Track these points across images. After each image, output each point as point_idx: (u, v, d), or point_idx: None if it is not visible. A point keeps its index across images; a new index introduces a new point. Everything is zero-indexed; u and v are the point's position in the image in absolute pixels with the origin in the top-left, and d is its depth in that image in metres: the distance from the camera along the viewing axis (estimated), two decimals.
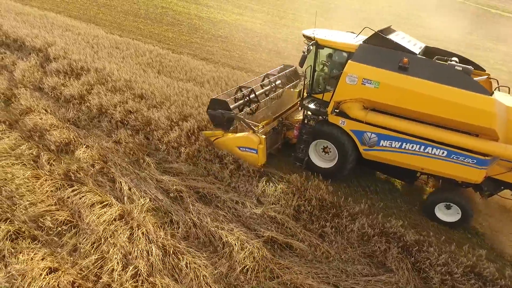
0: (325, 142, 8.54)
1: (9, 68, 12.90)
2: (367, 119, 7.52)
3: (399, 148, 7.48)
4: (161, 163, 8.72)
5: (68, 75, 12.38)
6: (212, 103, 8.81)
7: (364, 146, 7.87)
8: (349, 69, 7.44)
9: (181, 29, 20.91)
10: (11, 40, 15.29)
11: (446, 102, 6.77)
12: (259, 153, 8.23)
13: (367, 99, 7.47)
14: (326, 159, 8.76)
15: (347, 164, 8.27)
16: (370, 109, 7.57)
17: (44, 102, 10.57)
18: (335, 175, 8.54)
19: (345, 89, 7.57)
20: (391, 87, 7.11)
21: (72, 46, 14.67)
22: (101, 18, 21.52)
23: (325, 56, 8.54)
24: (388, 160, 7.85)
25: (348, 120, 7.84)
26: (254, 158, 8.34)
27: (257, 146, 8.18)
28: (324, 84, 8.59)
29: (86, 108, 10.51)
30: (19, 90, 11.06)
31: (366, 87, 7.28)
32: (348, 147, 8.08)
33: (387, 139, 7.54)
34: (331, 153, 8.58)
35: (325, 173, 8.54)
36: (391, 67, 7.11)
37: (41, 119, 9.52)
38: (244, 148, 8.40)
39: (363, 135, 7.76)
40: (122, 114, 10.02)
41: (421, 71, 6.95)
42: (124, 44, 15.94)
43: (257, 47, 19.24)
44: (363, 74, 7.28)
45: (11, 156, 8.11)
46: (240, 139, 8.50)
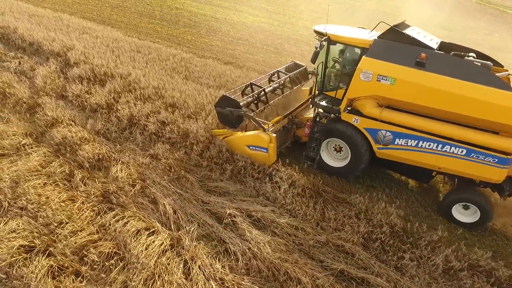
0: (337, 141, 8.28)
1: (28, 74, 12.15)
2: (382, 116, 7.29)
3: (415, 146, 7.24)
4: (203, 181, 7.96)
5: (91, 81, 11.63)
6: (221, 101, 8.50)
7: (378, 144, 7.62)
8: (364, 65, 7.19)
9: (199, 31, 20.16)
10: (27, 43, 14.54)
11: (467, 99, 6.53)
12: (269, 152, 7.95)
13: (382, 96, 7.24)
14: (338, 158, 8.51)
15: (360, 163, 8.02)
16: (385, 107, 7.35)
17: (70, 112, 9.81)
18: (348, 175, 8.34)
19: (359, 86, 7.34)
20: (408, 84, 6.88)
21: (92, 50, 13.92)
22: (115, 19, 20.79)
23: (337, 52, 8.30)
24: (403, 159, 7.61)
25: (362, 118, 7.58)
26: (264, 157, 8.05)
27: (268, 145, 7.90)
28: (336, 81, 8.34)
29: (116, 119, 9.74)
30: (42, 99, 10.30)
31: (381, 84, 7.06)
32: (361, 145, 7.83)
33: (403, 137, 7.29)
34: (343, 152, 8.35)
35: (337, 172, 8.38)
36: (407, 63, 6.86)
37: (70, 132, 8.75)
38: (254, 147, 8.11)
39: (378, 133, 7.52)
40: (156, 126, 9.26)
41: (439, 66, 6.70)
42: (145, 47, 15.19)
43: (280, 50, 18.48)
44: (378, 70, 7.04)
45: (42, 175, 7.35)
46: (249, 137, 8.21)
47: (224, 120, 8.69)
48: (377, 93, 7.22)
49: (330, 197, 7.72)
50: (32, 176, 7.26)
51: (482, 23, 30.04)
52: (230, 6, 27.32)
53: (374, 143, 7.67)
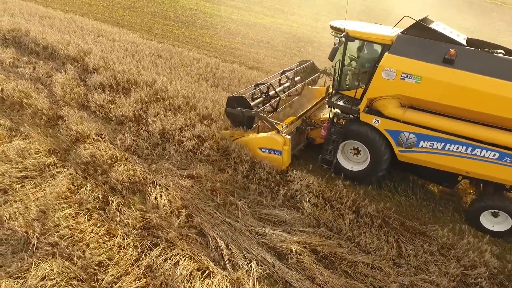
0: (355, 143, 7.82)
1: (43, 81, 11.21)
2: (405, 117, 6.86)
3: (442, 149, 6.78)
4: (253, 206, 7.01)
5: (114, 90, 10.68)
6: (230, 102, 8.19)
7: (401, 147, 7.18)
8: (386, 63, 6.73)
9: (217, 33, 19.21)
10: (40, 47, 13.60)
11: (500, 98, 6.04)
12: (283, 155, 7.56)
13: (406, 96, 6.79)
14: (356, 162, 8.04)
15: (380, 167, 7.58)
16: (408, 107, 6.92)
17: (94, 125, 8.86)
18: (366, 179, 7.86)
19: (381, 85, 6.90)
20: (436, 82, 6.41)
21: (111, 55, 12.99)
22: (128, 21, 19.86)
23: (355, 49, 7.83)
24: (427, 163, 7.13)
25: (383, 119, 7.14)
26: (277, 161, 7.67)
27: (282, 148, 7.51)
28: (354, 79, 7.93)
29: (146, 133, 8.80)
30: (63, 110, 9.36)
31: (405, 82, 6.61)
32: (381, 148, 7.39)
33: (428, 139, 6.83)
34: (361, 155, 7.90)
35: (354, 176, 7.94)
36: (435, 60, 6.40)
37: (98, 149, 7.82)
38: (267, 149, 7.73)
39: (400, 135, 7.08)
40: (193, 142, 8.31)
41: (470, 63, 6.23)
42: (166, 51, 14.24)
43: (304, 53, 17.53)
44: (402, 68, 6.59)
45: (73, 203, 6.41)
46: (262, 139, 7.83)
47: (236, 121, 8.32)
48: (401, 92, 6.77)
49: (398, 225, 6.79)
50: (61, 204, 6.33)
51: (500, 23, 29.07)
52: (245, 7, 26.37)
53: (396, 146, 7.21)
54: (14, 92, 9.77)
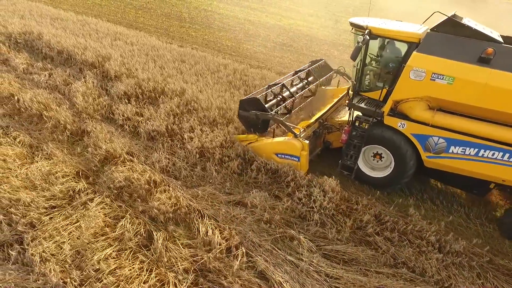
0: (377, 148, 7.36)
1: (61, 90, 10.29)
2: (435, 121, 6.44)
3: (475, 155, 6.34)
4: (316, 240, 6.06)
5: (140, 100, 9.76)
6: (242, 104, 7.73)
7: (428, 153, 6.74)
8: (415, 62, 6.27)
9: (236, 35, 18.29)
10: (55, 52, 12.69)
11: None
12: (301, 161, 7.16)
13: (437, 98, 6.33)
14: (377, 167, 7.59)
15: (405, 173, 7.13)
16: (437, 109, 6.47)
17: (123, 141, 7.94)
18: (389, 186, 7.43)
19: (408, 86, 6.45)
20: (470, 83, 5.94)
21: (131, 60, 12.07)
22: (143, 22, 18.95)
23: (377, 48, 7.31)
24: (458, 170, 6.66)
25: (409, 123, 6.71)
26: (295, 166, 7.21)
27: (300, 153, 7.11)
28: (375, 80, 7.51)
29: (182, 151, 7.86)
30: (88, 124, 8.44)
31: (436, 84, 6.17)
32: (407, 153, 6.94)
33: (460, 144, 6.40)
34: (384, 160, 7.45)
35: (376, 183, 7.50)
36: (469, 59, 5.95)
37: (133, 171, 6.90)
38: (284, 155, 7.32)
39: (428, 140, 6.64)
40: (238, 162, 7.38)
41: (508, 63, 5.75)
42: (189, 56, 13.32)
43: (331, 57, 16.59)
44: (432, 67, 6.14)
45: (112, 240, 5.49)
46: (279, 144, 7.40)
47: (250, 125, 7.87)
48: (431, 94, 6.33)
49: (484, 262, 5.86)
50: (99, 241, 5.40)
51: None
52: (260, 8, 25.47)
53: (423, 151, 6.77)
54: (32, 103, 8.85)
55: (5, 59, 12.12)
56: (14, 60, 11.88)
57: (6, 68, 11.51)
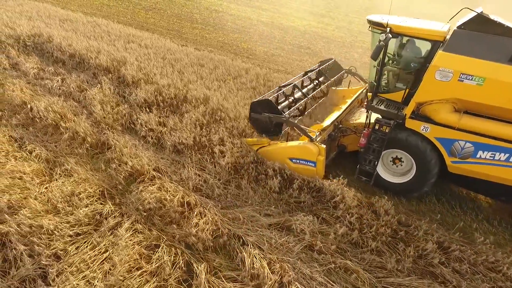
0: (397, 152, 7.03)
1: (76, 97, 9.64)
2: (461, 124, 6.14)
3: (506, 161, 6.03)
4: (373, 271, 5.38)
5: (161, 108, 9.11)
6: (254, 107, 7.35)
7: (453, 157, 6.43)
8: (441, 62, 5.94)
9: (251, 37, 17.64)
10: (67, 55, 12.04)
11: None
12: (318, 166, 6.77)
13: (464, 100, 6.02)
14: (397, 173, 7.27)
15: (427, 179, 6.78)
16: (463, 112, 6.18)
17: (147, 154, 7.28)
18: (411, 192, 7.05)
19: (434, 87, 6.12)
20: (502, 84, 5.61)
21: (148, 64, 11.43)
22: (153, 24, 18.30)
23: (397, 47, 7.00)
24: (485, 176, 6.34)
25: (433, 126, 6.40)
26: (311, 173, 6.86)
27: (316, 158, 6.72)
28: (395, 81, 7.18)
29: (213, 166, 7.21)
30: (109, 136, 7.78)
31: (464, 85, 5.84)
32: (430, 158, 6.60)
33: (489, 149, 6.09)
34: (404, 165, 7.14)
35: (396, 189, 7.14)
36: (501, 58, 5.61)
37: (163, 190, 6.24)
38: (298, 160, 6.95)
39: (454, 144, 6.35)
40: (278, 181, 6.72)
41: None
42: (207, 59, 12.67)
43: (351, 60, 15.95)
44: (460, 67, 5.81)
45: (149, 274, 4.83)
46: (293, 149, 7.01)
47: (262, 128, 7.50)
48: (458, 95, 6.01)
49: None
50: (134, 277, 4.74)
51: None
52: (271, 8, 24.82)
53: (448, 156, 6.47)
54: (48, 113, 8.20)
55: (14, 63, 11.47)
56: (24, 65, 11.24)
57: (17, 73, 10.85)
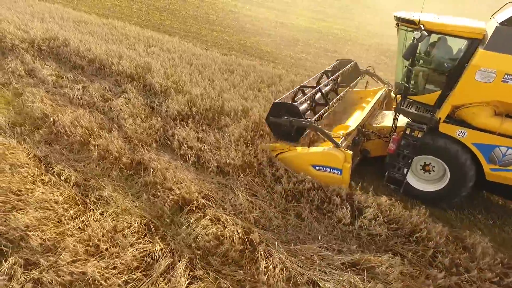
0: (428, 159, 6.62)
1: (100, 108, 8.79)
2: (503, 129, 5.75)
3: None
4: None
5: (198, 121, 8.24)
6: (275, 109, 6.91)
7: (493, 165, 6.05)
8: (482, 62, 5.55)
9: (273, 40, 16.80)
10: (86, 61, 11.21)
11: None
12: (344, 174, 6.37)
13: (509, 103, 5.61)
14: (428, 180, 6.84)
15: (462, 187, 6.36)
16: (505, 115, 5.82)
17: (189, 176, 6.43)
18: (443, 201, 6.61)
19: (473, 89, 5.75)
20: None
21: (175, 71, 10.60)
22: (170, 26, 17.45)
23: (427, 46, 6.50)
24: None
25: (471, 131, 6.04)
26: (336, 181, 6.43)
27: (342, 165, 6.32)
28: (426, 82, 6.69)
29: (266, 191, 6.35)
30: (144, 155, 6.92)
31: (509, 86, 5.43)
32: (466, 165, 6.20)
33: None
34: (435, 172, 6.73)
35: (427, 198, 6.69)
36: None
37: (218, 224, 5.38)
38: (322, 167, 6.54)
39: (494, 150, 5.96)
40: (347, 210, 5.86)
41: None
42: (235, 65, 11.83)
43: (383, 65, 15.09)
44: (505, 67, 5.41)
45: None
46: (317, 155, 6.62)
47: (281, 132, 7.06)
48: (502, 98, 5.62)
49: None
50: None
51: None
52: (287, 9, 23.99)
53: (487, 163, 6.08)
54: (75, 128, 7.34)
55: (30, 69, 10.63)
56: (41, 71, 10.40)
57: (33, 81, 10.01)
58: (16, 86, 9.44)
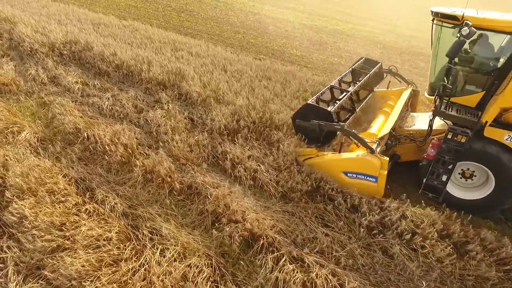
0: (470, 165, 6.23)
1: (134, 120, 7.96)
2: None
3: None
4: None
5: (246, 137, 7.40)
6: (303, 112, 6.64)
7: None
8: None
9: (301, 43, 15.98)
10: (112, 67, 10.36)
11: None
12: (379, 182, 5.97)
13: None
14: (468, 187, 6.42)
15: (509, 195, 5.95)
16: None
17: (248, 202, 5.60)
18: (486, 211, 6.22)
19: None
20: None
21: (211, 78, 9.76)
22: (191, 28, 16.63)
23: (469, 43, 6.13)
24: None
25: None
26: (371, 189, 6.00)
27: (379, 172, 5.93)
28: (464, 83, 6.30)
29: (341, 222, 5.51)
30: (195, 176, 6.09)
31: None
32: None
33: None
34: (476, 179, 6.35)
35: (471, 207, 6.21)
36: None
37: (296, 265, 4.55)
38: (356, 174, 6.13)
39: None
40: (443, 245, 5.02)
41: None
42: (271, 71, 10.99)
43: (419, 69, 14.26)
44: None
45: None
46: (350, 161, 6.22)
47: (307, 136, 6.76)
48: None
49: None
50: None
51: None
52: (307, 10, 23.16)
53: None
54: (116, 146, 6.51)
55: (53, 76, 9.79)
56: (65, 78, 9.56)
57: (57, 89, 9.17)
58: (41, 96, 8.62)
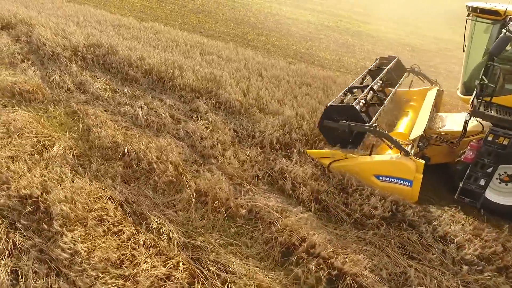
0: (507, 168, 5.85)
1: (172, 131, 7.31)
2: None
3: None
4: None
5: (298, 151, 6.73)
6: (330, 112, 6.41)
7: None
8: None
9: (327, 45, 15.30)
10: (140, 72, 9.71)
11: None
12: (414, 186, 5.66)
13: None
14: (507, 192, 6.02)
15: None
16: None
17: (321, 237, 4.93)
18: None
19: None
20: None
21: (249, 84, 9.12)
22: (212, 29, 15.96)
23: None
24: None
25: None
26: (405, 193, 5.69)
27: (414, 176, 5.62)
28: (503, 82, 5.98)
29: (428, 253, 4.85)
30: (256, 200, 5.42)
31: None
32: None
33: None
34: None
35: (507, 212, 5.89)
36: None
37: None
38: (389, 177, 5.79)
39: None
40: None
41: None
42: (308, 76, 10.33)
43: (454, 73, 13.57)
44: None
45: None
46: (383, 164, 5.90)
47: (334, 137, 6.53)
48: None
49: None
50: None
51: None
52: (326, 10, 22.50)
53: None
54: (166, 167, 5.84)
55: (78, 82, 9.14)
56: (92, 85, 8.91)
57: (86, 97, 8.52)
58: (70, 104, 7.97)
